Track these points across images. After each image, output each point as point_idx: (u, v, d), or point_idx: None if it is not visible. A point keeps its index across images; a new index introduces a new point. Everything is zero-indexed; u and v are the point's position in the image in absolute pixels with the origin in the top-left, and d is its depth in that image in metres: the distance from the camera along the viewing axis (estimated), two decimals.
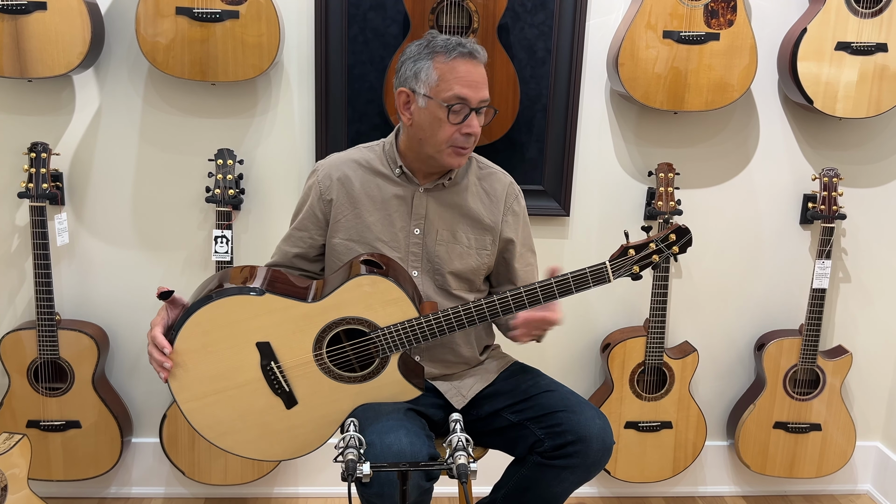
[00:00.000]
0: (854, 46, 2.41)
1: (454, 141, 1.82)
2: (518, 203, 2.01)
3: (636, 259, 1.75)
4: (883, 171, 2.70)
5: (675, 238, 1.77)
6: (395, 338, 1.73)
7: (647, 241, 1.76)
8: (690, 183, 2.64)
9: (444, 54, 1.80)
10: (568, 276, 1.73)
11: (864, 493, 2.94)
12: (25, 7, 2.20)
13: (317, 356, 1.72)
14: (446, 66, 1.79)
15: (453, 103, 1.79)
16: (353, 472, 1.37)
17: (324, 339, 1.72)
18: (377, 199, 1.91)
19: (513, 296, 1.74)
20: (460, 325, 1.75)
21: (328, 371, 1.74)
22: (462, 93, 1.79)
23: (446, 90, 1.79)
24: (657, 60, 2.37)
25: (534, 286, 1.74)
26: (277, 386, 1.73)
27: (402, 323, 1.72)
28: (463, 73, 1.79)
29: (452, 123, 1.81)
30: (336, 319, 1.71)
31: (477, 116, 1.83)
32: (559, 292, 1.73)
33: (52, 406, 2.47)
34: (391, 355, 1.74)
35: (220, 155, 2.42)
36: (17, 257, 2.54)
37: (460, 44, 1.81)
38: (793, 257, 2.73)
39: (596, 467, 1.81)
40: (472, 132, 1.82)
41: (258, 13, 2.26)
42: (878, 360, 2.84)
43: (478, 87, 1.81)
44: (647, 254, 1.75)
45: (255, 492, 2.74)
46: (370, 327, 1.72)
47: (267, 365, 1.72)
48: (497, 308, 1.75)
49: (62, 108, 2.46)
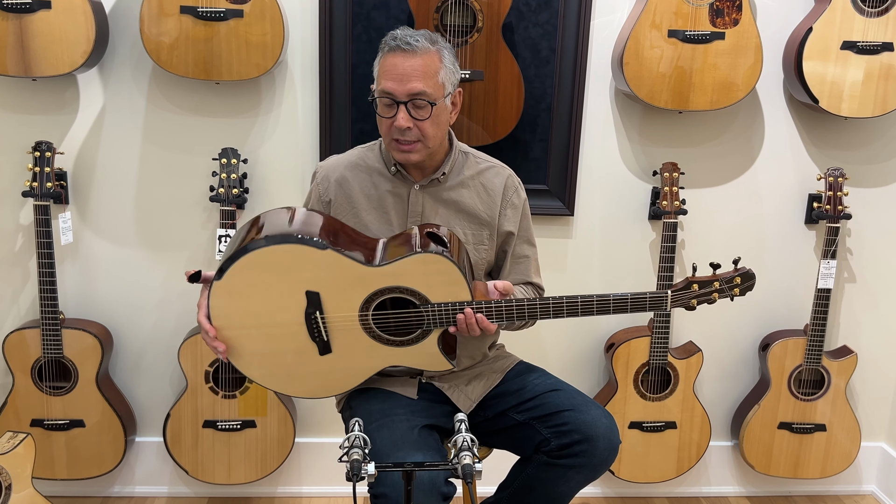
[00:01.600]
0: (860, 46, 2.40)
1: (392, 135, 1.82)
2: (518, 195, 1.99)
3: (697, 294, 1.79)
4: (888, 171, 2.69)
5: (739, 281, 1.80)
6: (442, 315, 1.74)
7: (713, 279, 1.79)
8: (695, 182, 2.64)
9: (382, 50, 1.82)
10: (627, 296, 1.75)
11: (869, 494, 2.93)
12: (30, 6, 2.20)
13: (362, 316, 1.75)
14: (381, 62, 1.81)
15: (380, 97, 1.80)
16: (357, 472, 1.36)
17: (373, 302, 1.75)
18: (374, 197, 1.92)
19: (568, 301, 1.76)
20: (509, 318, 1.76)
21: (369, 330, 1.76)
22: (386, 86, 1.78)
23: (378, 85, 1.81)
24: (662, 60, 2.36)
25: (591, 298, 1.76)
26: (316, 334, 1.75)
27: (453, 303, 1.74)
28: (389, 67, 1.78)
29: (383, 117, 1.82)
30: (391, 287, 1.74)
31: (415, 110, 1.79)
32: (613, 307, 1.76)
33: (56, 405, 2.47)
34: (433, 330, 1.77)
35: (224, 154, 2.42)
36: (20, 256, 2.53)
37: (394, 37, 1.80)
38: (798, 257, 2.72)
39: (602, 467, 1.81)
40: (398, 125, 1.79)
41: (262, 12, 2.26)
42: (883, 361, 2.84)
43: (402, 80, 1.77)
44: (709, 291, 1.78)
45: (259, 491, 2.74)
46: (421, 301, 1.75)
47: (311, 313, 1.74)
48: (549, 309, 1.76)
49: (66, 107, 2.46)
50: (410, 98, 1.78)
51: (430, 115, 1.80)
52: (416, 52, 1.77)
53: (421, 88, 1.77)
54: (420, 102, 1.78)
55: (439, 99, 1.81)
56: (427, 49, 1.78)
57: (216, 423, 2.51)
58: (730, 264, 1.83)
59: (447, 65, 1.82)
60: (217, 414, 2.51)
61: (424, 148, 1.84)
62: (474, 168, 1.97)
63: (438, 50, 1.81)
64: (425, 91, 1.77)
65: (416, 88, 1.77)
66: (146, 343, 2.64)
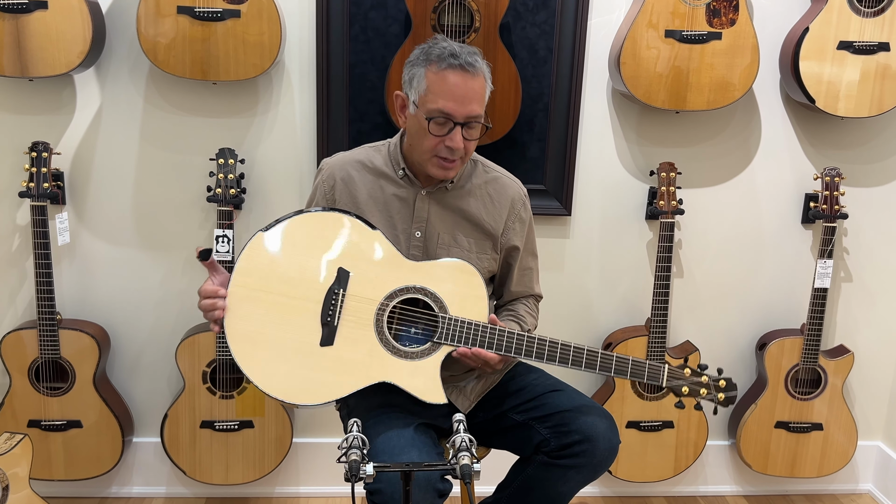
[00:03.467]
0: (856, 46, 2.41)
1: (438, 152, 1.79)
2: (525, 209, 2.00)
3: (689, 380, 1.83)
4: (885, 171, 2.70)
5: (724, 385, 1.85)
6: (456, 329, 1.74)
7: (701, 374, 1.85)
8: (692, 182, 2.64)
9: (437, 63, 1.75)
10: (629, 360, 1.78)
11: (866, 493, 2.94)
12: (26, 6, 2.20)
13: (382, 305, 1.75)
14: (435, 77, 1.75)
15: (435, 116, 1.76)
16: (356, 472, 1.36)
17: (396, 297, 1.76)
18: (380, 200, 1.91)
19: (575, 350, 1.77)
20: (517, 352, 1.76)
21: (379, 330, 1.75)
22: (446, 107, 1.74)
23: (431, 102, 1.76)
24: (659, 59, 2.37)
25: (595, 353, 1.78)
26: (329, 315, 1.73)
27: (470, 321, 1.75)
28: (450, 87, 1.74)
29: (434, 135, 1.78)
30: (418, 286, 1.76)
31: (467, 130, 1.78)
32: (615, 370, 1.78)
33: (54, 406, 2.47)
34: (442, 346, 1.75)
35: (221, 154, 2.41)
36: (18, 257, 2.53)
37: (454, 54, 1.74)
38: (794, 257, 2.73)
39: (602, 467, 1.81)
40: (453, 146, 1.77)
41: (259, 12, 2.26)
42: (879, 360, 2.84)
43: (464, 102, 1.74)
44: (698, 382, 1.83)
45: (257, 491, 2.74)
46: (441, 309, 1.75)
47: (336, 289, 1.74)
48: (556, 354, 1.77)
49: (63, 108, 2.46)
50: (468, 120, 1.77)
51: (481, 135, 1.82)
52: (476, 73, 1.76)
53: (479, 112, 1.77)
54: (475, 124, 1.78)
55: (488, 120, 1.83)
56: (482, 70, 1.78)
57: (214, 424, 2.51)
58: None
59: (489, 84, 1.83)
60: (215, 414, 2.51)
61: (461, 164, 1.86)
62: (482, 177, 1.97)
63: (486, 69, 1.81)
64: (481, 114, 1.78)
65: (476, 111, 1.77)
66: (144, 343, 2.63)
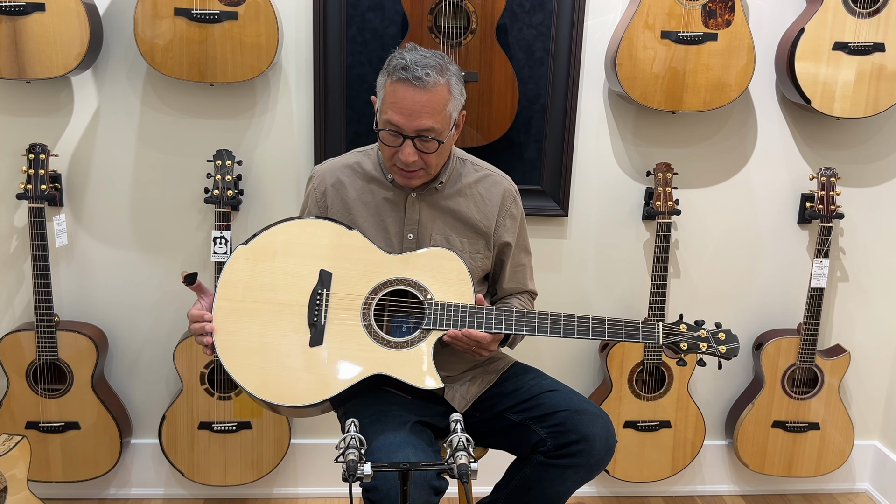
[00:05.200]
0: (851, 46, 2.42)
1: (395, 162, 1.80)
2: (516, 206, 2.00)
3: (686, 336, 1.82)
4: (880, 171, 2.71)
5: (724, 338, 1.83)
6: (443, 313, 1.75)
7: (699, 328, 1.83)
8: (688, 183, 2.65)
9: (392, 74, 1.74)
10: (621, 321, 1.78)
11: (863, 492, 2.95)
12: (24, 8, 2.20)
13: (367, 300, 1.76)
14: (390, 88, 1.75)
15: (386, 127, 1.76)
16: (354, 472, 1.37)
17: (380, 291, 1.77)
18: (371, 204, 1.91)
19: (565, 318, 1.78)
20: (507, 328, 1.77)
21: (367, 325, 1.76)
22: (393, 118, 1.74)
23: (384, 112, 1.76)
24: (655, 60, 2.37)
25: (587, 319, 1.78)
26: (315, 316, 1.74)
27: (456, 304, 1.76)
28: (398, 100, 1.72)
29: (386, 145, 1.78)
30: (399, 278, 1.78)
31: (421, 143, 1.75)
32: (609, 334, 1.78)
33: (52, 407, 2.47)
34: (431, 332, 1.76)
35: (218, 156, 2.42)
36: (15, 258, 2.53)
37: (405, 66, 1.72)
38: (791, 257, 2.74)
39: (599, 466, 1.82)
40: (403, 159, 1.75)
41: (256, 14, 2.26)
42: (876, 359, 2.85)
43: (412, 116, 1.72)
44: (696, 336, 1.82)
45: (255, 492, 2.74)
46: (426, 296, 1.77)
47: (319, 291, 1.76)
48: (547, 325, 1.78)
49: (60, 110, 2.46)
50: (418, 134, 1.75)
51: (437, 150, 1.79)
52: (426, 87, 1.71)
53: (430, 125, 1.74)
54: (427, 138, 1.76)
55: (445, 132, 1.78)
56: (437, 83, 1.73)
57: (212, 425, 2.51)
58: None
59: (455, 95, 1.79)
60: (212, 415, 2.51)
61: (426, 175, 1.85)
62: (472, 176, 1.97)
63: (447, 81, 1.76)
64: (433, 128, 1.75)
65: (425, 125, 1.74)
66: (141, 345, 2.63)
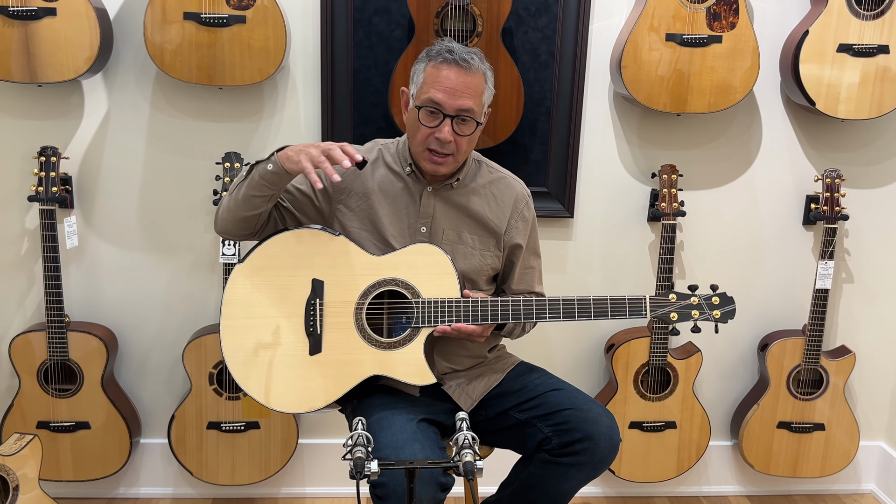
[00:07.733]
0: (856, 48, 2.42)
1: (429, 144, 1.84)
2: (528, 209, 2.04)
3: (676, 306, 1.83)
4: (885, 172, 2.71)
5: (718, 302, 1.84)
6: (431, 310, 1.79)
7: (691, 294, 1.84)
8: (693, 184, 2.66)
9: (435, 58, 1.83)
10: (606, 298, 1.81)
11: (868, 493, 2.95)
12: (35, 13, 2.23)
13: (358, 304, 1.81)
14: (432, 70, 1.82)
15: (426, 105, 1.81)
16: (361, 469, 1.38)
17: (370, 294, 1.82)
18: (389, 193, 1.94)
19: (550, 302, 1.82)
20: (493, 318, 1.81)
21: (361, 328, 1.82)
22: (436, 97, 1.80)
23: (425, 92, 1.82)
24: (660, 63, 2.39)
25: (571, 300, 1.82)
26: (311, 325, 1.81)
27: (442, 299, 1.80)
28: (442, 79, 1.80)
29: (424, 125, 1.82)
30: (387, 279, 1.82)
31: (458, 125, 1.82)
32: (595, 313, 1.82)
33: (62, 407, 2.49)
34: (421, 329, 1.81)
35: (227, 158, 2.44)
36: (26, 260, 2.56)
37: (450, 50, 1.81)
38: (795, 258, 2.74)
39: (603, 464, 1.83)
40: (441, 138, 1.81)
41: (264, 18, 2.29)
42: (881, 360, 2.85)
43: (454, 95, 1.80)
44: (687, 305, 1.82)
45: (263, 492, 2.76)
46: (413, 294, 1.81)
47: (312, 301, 1.81)
48: (532, 310, 1.82)
49: (71, 113, 2.49)
50: (458, 113, 1.81)
51: (473, 132, 1.85)
52: (471, 69, 1.81)
53: (470, 105, 1.81)
54: (466, 119, 1.82)
55: (480, 118, 1.86)
56: (479, 68, 1.83)
57: (220, 425, 2.53)
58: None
59: (489, 86, 1.88)
60: (221, 415, 2.53)
61: (454, 162, 1.88)
62: (487, 177, 2.01)
63: (486, 70, 1.85)
64: (473, 109, 1.82)
65: (466, 105, 1.81)
66: (151, 345, 2.66)
